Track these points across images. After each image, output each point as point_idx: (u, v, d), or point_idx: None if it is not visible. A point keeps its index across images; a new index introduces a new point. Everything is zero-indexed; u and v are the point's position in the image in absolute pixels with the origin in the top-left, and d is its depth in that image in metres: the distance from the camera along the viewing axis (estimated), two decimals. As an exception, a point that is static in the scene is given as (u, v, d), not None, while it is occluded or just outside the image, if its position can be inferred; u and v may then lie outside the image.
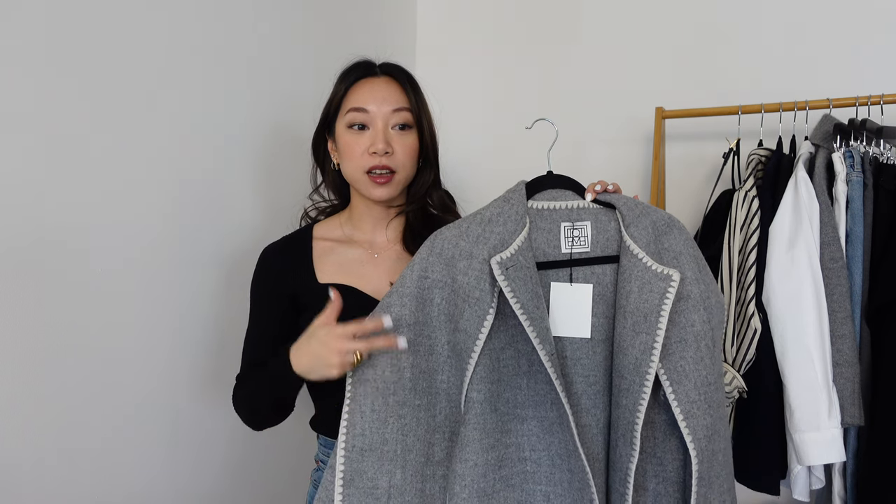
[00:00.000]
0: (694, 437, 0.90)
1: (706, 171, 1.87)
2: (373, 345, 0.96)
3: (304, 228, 1.29)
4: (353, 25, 1.96)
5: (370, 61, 1.23)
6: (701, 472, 0.90)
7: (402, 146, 1.17)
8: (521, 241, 0.96)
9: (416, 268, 0.99)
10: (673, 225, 1.00)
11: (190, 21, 1.41)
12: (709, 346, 0.95)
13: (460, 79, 2.23)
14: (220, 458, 1.52)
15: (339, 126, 1.20)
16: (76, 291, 1.20)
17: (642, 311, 0.93)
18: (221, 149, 1.50)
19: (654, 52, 1.97)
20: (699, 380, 0.92)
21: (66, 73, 1.17)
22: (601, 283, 1.02)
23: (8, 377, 1.10)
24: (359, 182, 1.18)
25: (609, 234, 1.03)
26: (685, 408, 0.91)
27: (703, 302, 0.95)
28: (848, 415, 1.37)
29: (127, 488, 1.30)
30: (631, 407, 0.91)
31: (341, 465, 0.93)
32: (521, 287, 0.92)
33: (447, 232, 1.01)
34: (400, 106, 1.18)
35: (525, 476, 0.97)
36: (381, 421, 0.94)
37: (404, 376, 0.96)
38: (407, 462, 0.94)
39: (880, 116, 1.51)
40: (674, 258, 0.97)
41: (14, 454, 1.11)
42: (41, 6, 1.13)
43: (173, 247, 1.38)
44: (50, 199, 1.16)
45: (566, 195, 1.05)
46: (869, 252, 1.41)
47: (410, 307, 0.97)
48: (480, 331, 0.94)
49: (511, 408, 0.98)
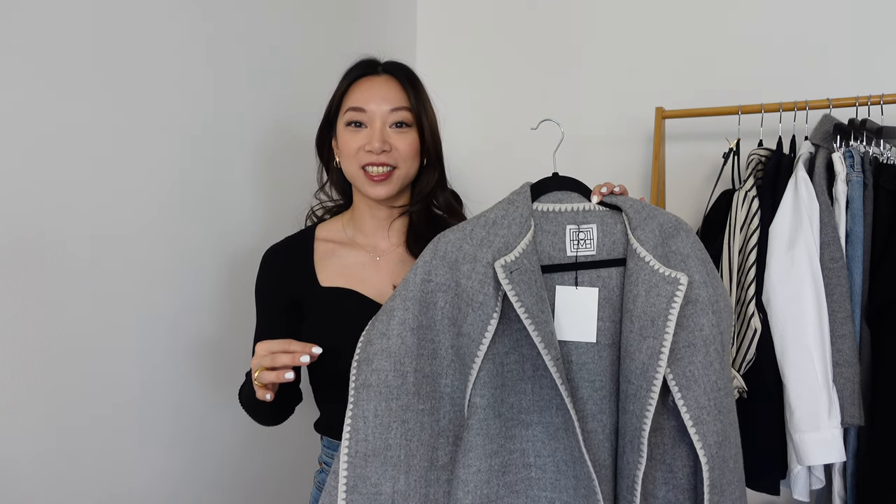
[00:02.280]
0: (704, 443, 0.89)
1: (706, 171, 1.87)
2: (276, 361, 0.97)
3: (307, 229, 1.28)
4: (354, 25, 1.95)
5: (373, 59, 1.22)
6: (713, 479, 0.89)
7: (401, 143, 1.16)
8: (526, 244, 0.95)
9: (419, 271, 0.98)
10: (680, 227, 0.99)
11: (191, 21, 1.41)
12: (718, 351, 0.93)
13: (460, 79, 2.23)
14: (223, 459, 1.51)
15: (340, 124, 1.19)
16: (77, 291, 1.20)
17: (649, 314, 0.91)
18: (222, 149, 1.50)
19: (654, 52, 1.96)
20: (708, 385, 0.90)
21: (66, 73, 1.17)
22: (607, 287, 1.00)
23: (8, 377, 1.10)
24: (357, 180, 1.17)
25: (615, 236, 1.01)
26: (695, 414, 0.89)
27: (711, 306, 0.94)
28: (848, 415, 1.37)
29: (127, 488, 1.30)
30: (638, 413, 0.90)
31: (344, 470, 0.91)
32: (526, 291, 0.91)
33: (451, 235, 0.99)
34: (398, 105, 1.17)
35: (530, 482, 0.96)
36: (385, 426, 0.92)
37: (408, 381, 0.94)
38: (411, 467, 0.93)
39: (880, 116, 1.51)
40: (681, 261, 0.95)
41: (14, 454, 1.11)
42: (41, 6, 1.13)
43: (174, 247, 1.38)
44: (51, 200, 1.15)
45: (572, 197, 1.04)
46: (869, 252, 1.41)
47: (414, 311, 0.96)
48: (484, 335, 0.92)
49: (515, 413, 0.97)
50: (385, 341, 0.94)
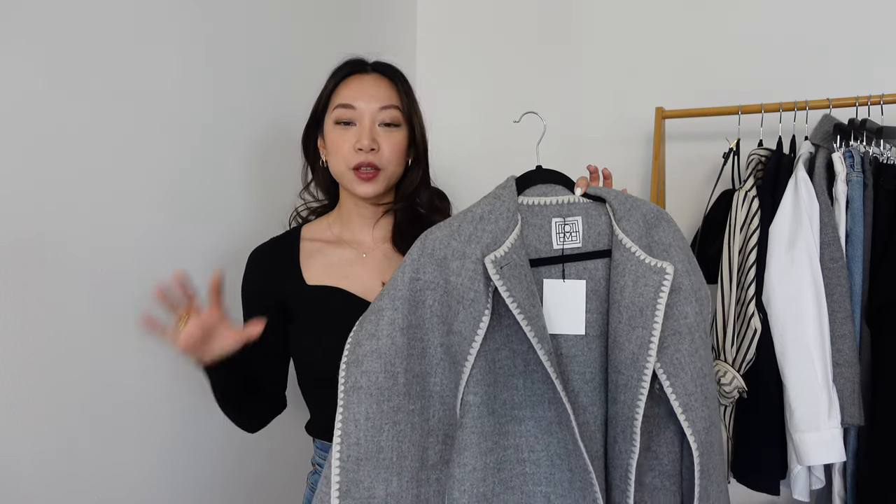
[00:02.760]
0: (694, 429, 0.89)
1: (706, 171, 1.87)
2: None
3: (292, 230, 1.28)
4: (354, 25, 1.95)
5: (361, 59, 1.22)
6: (702, 464, 0.90)
7: (388, 143, 1.16)
8: (514, 239, 0.95)
9: (407, 269, 0.97)
10: (661, 217, 1.00)
11: (186, 21, 1.41)
12: (702, 338, 0.94)
13: (460, 79, 2.23)
14: (217, 460, 1.51)
15: (328, 122, 1.19)
16: (77, 291, 1.20)
17: (637, 305, 0.92)
18: (223, 149, 1.50)
19: (654, 52, 1.96)
20: (695, 372, 0.91)
21: (66, 73, 1.17)
22: (593, 279, 1.00)
23: (8, 377, 1.10)
24: (344, 178, 1.17)
25: (600, 228, 1.02)
26: (683, 401, 0.90)
27: (694, 294, 0.95)
28: (848, 415, 1.36)
29: (127, 488, 1.30)
30: (629, 402, 0.91)
31: (336, 475, 0.91)
32: (517, 286, 0.91)
33: (438, 232, 0.98)
34: (388, 104, 1.16)
35: (524, 478, 0.96)
36: (377, 429, 0.92)
37: (398, 381, 0.93)
38: (403, 469, 0.92)
39: (880, 116, 1.51)
40: (664, 250, 0.96)
41: (14, 454, 1.11)
42: (41, 6, 1.13)
43: (167, 248, 1.37)
44: (49, 200, 1.15)
45: (556, 190, 1.04)
46: (869, 252, 1.41)
47: (403, 310, 0.95)
48: (476, 333, 0.92)
49: (508, 409, 0.97)
50: (374, 342, 0.93)
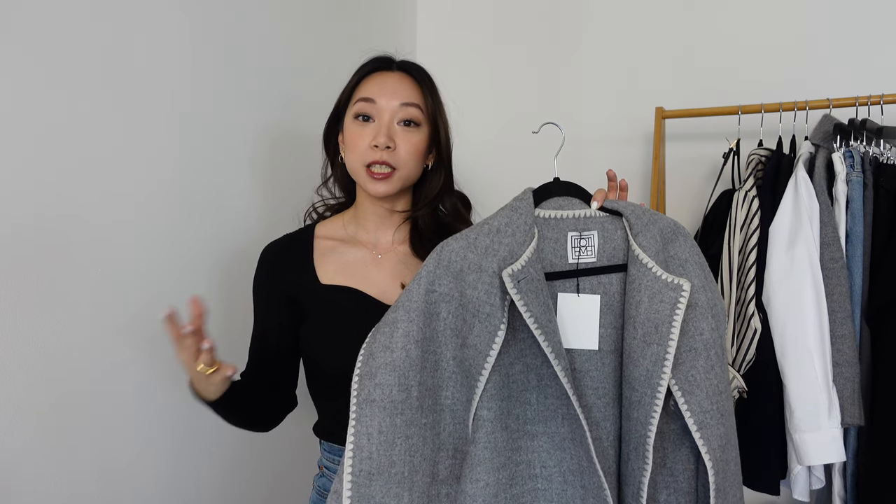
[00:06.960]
0: (709, 447, 0.89)
1: (706, 171, 1.87)
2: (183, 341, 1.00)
3: (306, 227, 1.26)
4: (354, 25, 1.95)
5: (389, 56, 1.20)
6: (718, 483, 0.89)
7: (405, 142, 1.13)
8: (531, 253, 0.94)
9: (422, 281, 0.95)
10: (678, 232, 0.99)
11: (192, 21, 1.40)
12: (718, 355, 0.94)
13: (460, 79, 2.22)
14: (222, 461, 1.51)
15: (348, 117, 1.17)
16: (76, 290, 1.19)
17: (653, 321, 0.91)
18: (223, 149, 1.49)
19: (654, 52, 1.96)
20: (710, 389, 0.90)
21: (66, 72, 1.16)
22: (608, 294, 0.99)
23: (8, 377, 1.10)
24: (358, 175, 1.15)
25: (615, 242, 1.01)
26: (699, 418, 0.89)
27: (710, 310, 0.94)
28: (848, 415, 1.37)
29: (127, 488, 1.30)
30: (643, 419, 0.90)
31: (348, 490, 0.89)
32: (534, 300, 0.90)
33: (454, 243, 0.97)
34: (409, 101, 1.14)
35: (536, 494, 0.95)
36: (389, 443, 0.90)
37: (412, 395, 0.91)
38: (414, 483, 0.91)
39: (880, 116, 1.51)
40: (680, 266, 0.95)
41: (14, 454, 1.11)
42: (41, 6, 1.12)
43: (172, 246, 1.37)
44: (50, 199, 1.15)
45: (573, 203, 1.03)
46: (869, 252, 1.41)
47: (418, 322, 0.93)
48: (492, 347, 0.91)
49: (521, 424, 0.96)
50: (389, 354, 0.91)
